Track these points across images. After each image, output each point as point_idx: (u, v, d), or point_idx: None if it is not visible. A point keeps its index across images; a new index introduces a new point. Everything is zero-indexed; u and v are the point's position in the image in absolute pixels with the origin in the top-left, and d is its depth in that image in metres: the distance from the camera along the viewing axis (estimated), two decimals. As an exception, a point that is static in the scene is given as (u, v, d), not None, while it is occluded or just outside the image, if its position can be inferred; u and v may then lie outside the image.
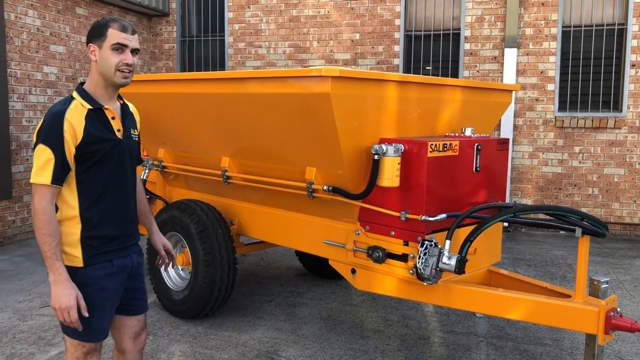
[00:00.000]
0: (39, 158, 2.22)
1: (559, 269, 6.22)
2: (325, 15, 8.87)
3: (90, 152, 2.29)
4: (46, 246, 2.21)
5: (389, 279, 3.52)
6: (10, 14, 6.88)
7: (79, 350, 2.39)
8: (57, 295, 2.22)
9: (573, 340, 4.24)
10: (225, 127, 4.14)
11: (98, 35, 2.33)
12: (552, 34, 7.99)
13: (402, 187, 3.37)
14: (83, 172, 2.31)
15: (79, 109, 2.30)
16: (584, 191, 8.05)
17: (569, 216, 3.03)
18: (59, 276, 2.23)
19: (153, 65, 9.78)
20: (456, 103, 3.95)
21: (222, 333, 4.30)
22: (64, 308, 2.22)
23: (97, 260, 2.36)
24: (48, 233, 2.21)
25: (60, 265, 2.24)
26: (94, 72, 2.36)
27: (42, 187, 2.23)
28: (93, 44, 2.33)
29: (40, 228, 2.21)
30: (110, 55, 2.30)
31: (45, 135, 2.23)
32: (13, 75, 6.91)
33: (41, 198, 2.22)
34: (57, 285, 2.23)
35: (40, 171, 2.22)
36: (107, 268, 2.39)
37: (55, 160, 2.21)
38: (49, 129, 2.23)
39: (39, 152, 2.23)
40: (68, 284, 2.24)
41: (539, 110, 8.16)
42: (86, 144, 2.27)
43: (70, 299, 2.22)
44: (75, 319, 2.24)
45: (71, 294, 2.23)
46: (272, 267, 6.12)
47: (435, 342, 4.21)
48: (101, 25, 2.33)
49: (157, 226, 2.83)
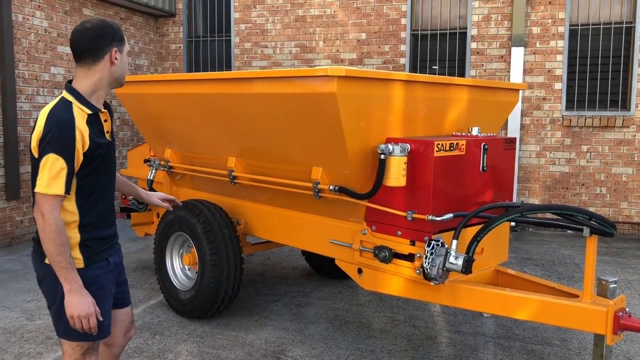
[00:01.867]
0: (51, 168, 2.16)
1: (566, 268, 6.18)
2: (331, 14, 8.87)
3: (93, 157, 2.29)
4: (61, 256, 2.19)
5: (395, 278, 3.51)
6: (18, 16, 6.92)
7: (77, 351, 2.39)
8: (75, 304, 2.23)
9: (581, 341, 4.21)
10: (232, 127, 4.15)
11: (120, 40, 2.33)
12: (559, 33, 7.96)
13: (409, 187, 3.36)
14: (83, 177, 2.30)
15: (82, 115, 2.27)
16: (591, 190, 8.01)
17: (577, 216, 3.02)
18: (75, 285, 2.23)
19: (160, 65, 9.80)
20: (463, 102, 3.94)
21: (229, 333, 4.31)
22: (84, 316, 2.24)
23: (96, 259, 2.39)
24: (62, 243, 2.19)
25: (75, 274, 2.24)
26: (104, 74, 2.32)
27: (54, 197, 2.19)
28: (117, 47, 2.32)
29: (54, 239, 2.17)
30: (126, 62, 2.40)
31: (57, 144, 2.17)
32: (21, 77, 6.95)
33: (53, 208, 2.18)
34: (74, 294, 2.23)
35: (53, 181, 2.17)
36: (104, 267, 2.42)
37: (67, 170, 2.19)
38: (61, 139, 2.17)
39: (51, 161, 2.16)
40: (84, 292, 2.25)
41: (546, 109, 8.12)
42: (91, 151, 2.27)
43: (89, 306, 2.25)
44: (95, 325, 2.27)
45: (89, 301, 2.25)
46: (279, 267, 6.12)
47: (443, 342, 4.20)
48: (119, 30, 2.34)
49: (162, 227, 2.87)
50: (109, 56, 2.31)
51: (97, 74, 2.32)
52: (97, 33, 2.29)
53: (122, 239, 7.24)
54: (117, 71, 2.35)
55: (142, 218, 5.65)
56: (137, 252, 6.70)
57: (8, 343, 4.08)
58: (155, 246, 4.78)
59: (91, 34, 2.29)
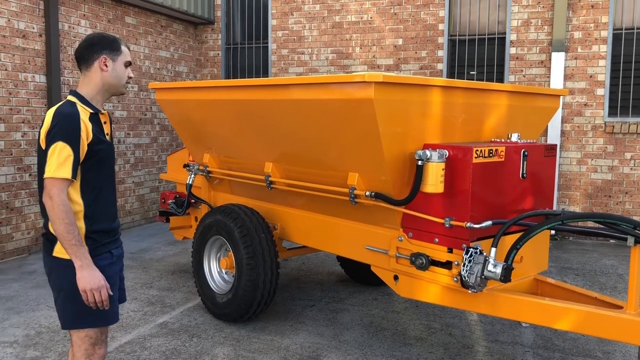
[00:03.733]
0: (59, 155, 2.36)
1: (609, 278, 6.02)
2: (368, 21, 8.87)
3: (95, 151, 2.48)
4: (70, 235, 2.35)
5: (432, 286, 3.48)
6: (64, 24, 7.16)
7: (86, 341, 2.51)
8: (87, 278, 2.37)
9: (625, 354, 4.09)
10: (269, 133, 4.19)
11: (113, 49, 2.57)
12: (602, 37, 7.77)
13: (447, 194, 3.33)
14: (87, 170, 2.48)
15: (85, 112, 2.49)
16: (635, 199, 7.77)
17: (621, 224, 2.94)
18: (85, 260, 2.38)
19: (198, 72, 9.98)
20: (502, 108, 3.88)
21: (265, 337, 4.34)
22: (96, 288, 2.37)
23: (100, 251, 2.53)
24: (70, 222, 2.35)
25: (85, 251, 2.39)
26: (97, 80, 2.56)
27: (62, 180, 2.36)
28: (107, 56, 2.55)
29: (62, 219, 2.33)
30: (123, 70, 2.61)
31: (64, 133, 2.38)
32: (66, 83, 7.17)
33: (60, 191, 2.36)
34: (85, 269, 2.37)
35: (61, 167, 2.36)
36: (108, 258, 2.57)
37: (74, 157, 2.38)
38: (67, 128, 2.39)
39: (59, 149, 2.36)
40: (94, 267, 2.40)
41: (588, 116, 7.93)
42: (93, 144, 2.47)
43: (100, 279, 2.39)
44: (106, 297, 2.41)
45: (99, 276, 2.40)
46: (314, 272, 6.13)
47: (480, 351, 4.14)
48: (115, 41, 2.59)
49: (200, 231, 2.91)
50: (98, 63, 2.54)
51: (92, 81, 2.56)
52: (89, 43, 2.56)
53: (161, 242, 7.39)
54: (109, 78, 2.57)
55: (180, 222, 5.74)
56: (175, 255, 6.81)
57: (52, 342, 4.20)
58: (193, 250, 4.86)
59: (84, 43, 2.57)
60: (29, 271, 6.00)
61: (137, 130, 8.52)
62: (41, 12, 6.82)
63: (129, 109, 8.35)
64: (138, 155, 8.55)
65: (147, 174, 8.79)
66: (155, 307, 4.95)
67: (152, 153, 8.89)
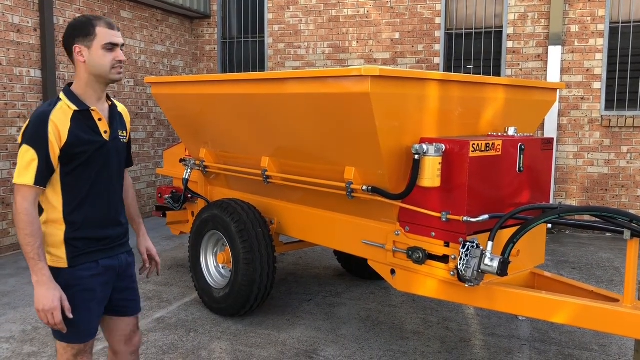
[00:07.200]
0: (22, 158, 2.19)
1: (605, 272, 6.03)
2: (364, 14, 8.85)
3: (75, 153, 2.26)
4: (29, 247, 2.16)
5: (429, 280, 3.48)
6: (59, 19, 7.11)
7: (69, 352, 2.35)
8: (40, 297, 2.17)
9: (621, 347, 4.11)
10: (265, 128, 4.18)
11: (85, 35, 2.27)
12: (598, 31, 7.76)
13: (443, 188, 3.33)
14: (68, 174, 2.28)
15: (65, 111, 2.27)
16: (632, 192, 7.79)
17: (617, 218, 2.94)
18: (42, 277, 2.18)
19: (194, 66, 9.94)
20: (499, 102, 3.88)
21: (262, 331, 4.34)
22: (48, 310, 2.17)
23: (82, 260, 2.32)
24: (30, 234, 2.16)
25: (43, 266, 2.19)
26: (82, 73, 2.31)
27: (24, 187, 2.19)
28: (79, 44, 2.27)
29: (22, 229, 2.16)
30: (103, 55, 2.27)
31: (29, 136, 2.20)
32: (62, 78, 7.14)
33: (23, 199, 2.18)
34: (40, 287, 2.18)
35: (23, 172, 2.19)
36: (92, 269, 2.34)
37: (38, 162, 2.18)
38: (33, 130, 2.20)
39: (22, 152, 2.19)
40: (52, 285, 2.19)
41: (585, 109, 7.94)
42: (71, 146, 2.24)
43: (53, 300, 2.18)
44: (59, 320, 2.20)
45: (55, 295, 2.18)
46: (311, 267, 6.14)
47: (477, 344, 4.15)
48: (86, 24, 2.27)
49: (197, 226, 2.86)
50: (76, 55, 2.30)
51: (78, 74, 2.33)
52: (67, 33, 2.32)
53: (158, 236, 7.38)
54: (90, 68, 2.29)
55: (177, 217, 5.73)
56: (172, 250, 6.80)
57: (49, 338, 4.18)
58: (190, 244, 4.85)
59: (65, 34, 2.34)
60: (25, 266, 5.99)
61: (133, 125, 8.49)
62: (36, 6, 6.78)
63: (125, 103, 8.32)
64: (134, 150, 8.53)
65: (143, 169, 8.77)
66: (152, 302, 4.94)
67: (148, 148, 8.87)
